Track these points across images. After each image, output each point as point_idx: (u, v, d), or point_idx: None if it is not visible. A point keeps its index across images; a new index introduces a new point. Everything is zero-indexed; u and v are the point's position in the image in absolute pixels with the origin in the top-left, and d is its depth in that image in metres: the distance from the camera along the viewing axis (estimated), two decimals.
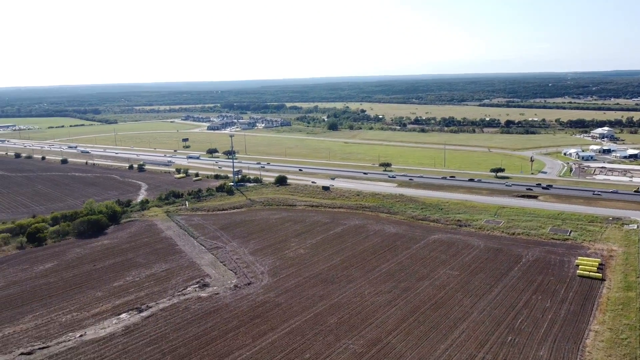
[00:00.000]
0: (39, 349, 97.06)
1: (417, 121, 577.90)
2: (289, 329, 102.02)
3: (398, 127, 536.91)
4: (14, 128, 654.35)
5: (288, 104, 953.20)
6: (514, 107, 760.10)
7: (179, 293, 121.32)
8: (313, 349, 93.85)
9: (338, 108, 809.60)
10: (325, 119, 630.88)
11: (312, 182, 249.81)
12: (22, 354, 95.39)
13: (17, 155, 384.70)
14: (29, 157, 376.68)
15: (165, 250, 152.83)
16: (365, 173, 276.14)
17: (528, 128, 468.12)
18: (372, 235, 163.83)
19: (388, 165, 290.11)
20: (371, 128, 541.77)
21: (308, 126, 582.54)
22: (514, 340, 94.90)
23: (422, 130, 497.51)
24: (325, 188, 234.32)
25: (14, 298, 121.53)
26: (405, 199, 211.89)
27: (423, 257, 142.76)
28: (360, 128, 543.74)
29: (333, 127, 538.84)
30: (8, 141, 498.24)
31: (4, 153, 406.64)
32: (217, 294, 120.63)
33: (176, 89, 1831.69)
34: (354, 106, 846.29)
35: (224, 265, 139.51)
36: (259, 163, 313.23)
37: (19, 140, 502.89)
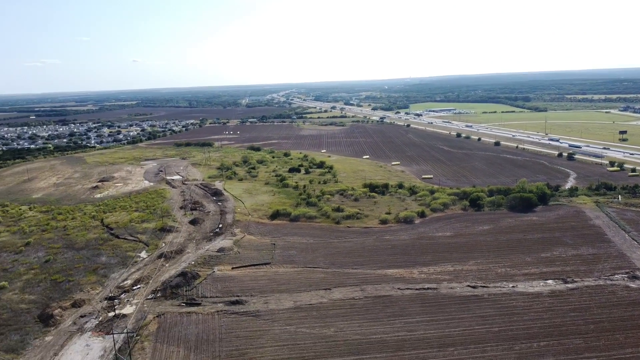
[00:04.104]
0: (480, 286, 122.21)
1: None
2: None
3: None
4: (454, 111, 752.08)
5: None
6: None
7: (605, 277, 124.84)
8: None
9: None
10: None
11: None
12: (468, 286, 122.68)
13: (458, 135, 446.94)
14: (467, 137, 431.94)
15: (593, 237, 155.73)
16: None
17: None
18: None
19: None
20: None
21: None
22: None
23: None
24: None
25: (460, 245, 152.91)
26: None
27: None
28: None
29: None
30: (450, 122, 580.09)
31: (448, 132, 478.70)
32: None
33: (613, 77, 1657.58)
34: None
35: None
36: None
37: (459, 122, 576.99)
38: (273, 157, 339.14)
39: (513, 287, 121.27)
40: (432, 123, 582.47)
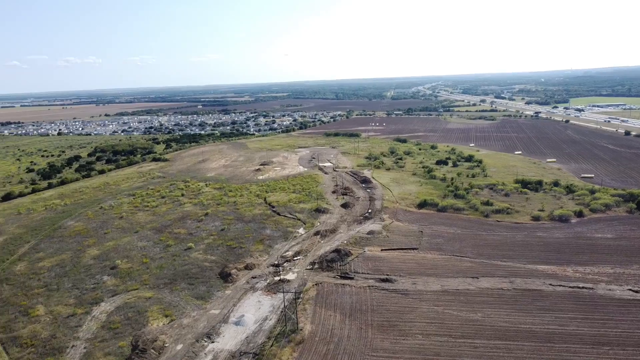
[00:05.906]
0: None
1: None
2: None
3: None
4: (624, 107, 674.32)
5: None
6: None
7: None
8: None
9: None
10: None
11: None
12: (630, 290, 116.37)
13: (627, 133, 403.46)
14: (638, 136, 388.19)
15: None
16: None
17: None
18: None
19: None
20: None
21: None
22: None
23: None
24: None
25: (622, 248, 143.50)
26: None
27: None
28: None
29: None
30: (618, 119, 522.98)
31: (614, 129, 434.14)
32: None
33: None
34: None
35: None
36: None
37: (629, 118, 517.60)
38: (419, 149, 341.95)
39: None
40: (596, 119, 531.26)
